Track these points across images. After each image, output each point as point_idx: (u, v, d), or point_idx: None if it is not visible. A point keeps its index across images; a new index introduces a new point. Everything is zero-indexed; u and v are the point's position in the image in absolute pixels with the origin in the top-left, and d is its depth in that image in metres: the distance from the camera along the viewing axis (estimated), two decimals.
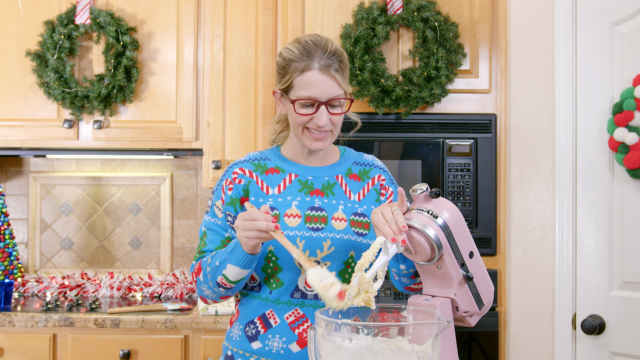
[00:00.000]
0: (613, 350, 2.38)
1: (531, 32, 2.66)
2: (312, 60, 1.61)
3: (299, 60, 1.62)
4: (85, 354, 2.61)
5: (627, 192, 2.36)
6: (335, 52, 1.64)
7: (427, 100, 2.62)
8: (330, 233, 1.66)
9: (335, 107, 1.63)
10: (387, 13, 2.64)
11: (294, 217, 1.66)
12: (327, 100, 1.61)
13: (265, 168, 1.74)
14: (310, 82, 1.60)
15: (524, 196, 2.66)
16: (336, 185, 1.73)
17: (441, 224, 1.39)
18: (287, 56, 1.64)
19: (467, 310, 1.47)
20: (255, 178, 1.72)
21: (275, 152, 1.78)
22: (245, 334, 1.69)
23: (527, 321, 2.65)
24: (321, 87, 1.60)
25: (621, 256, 2.37)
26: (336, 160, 1.78)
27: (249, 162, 1.75)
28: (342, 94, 1.63)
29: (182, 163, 3.26)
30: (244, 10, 2.82)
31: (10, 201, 3.27)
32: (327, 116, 1.62)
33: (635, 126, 2.29)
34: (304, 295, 1.66)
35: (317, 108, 1.61)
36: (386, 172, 1.81)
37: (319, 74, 1.60)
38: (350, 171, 1.76)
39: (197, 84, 2.89)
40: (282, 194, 1.69)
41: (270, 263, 1.66)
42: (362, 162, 1.80)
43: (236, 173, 1.73)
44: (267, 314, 1.68)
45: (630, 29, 2.37)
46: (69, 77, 2.81)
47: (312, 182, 1.72)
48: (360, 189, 1.74)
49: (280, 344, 1.65)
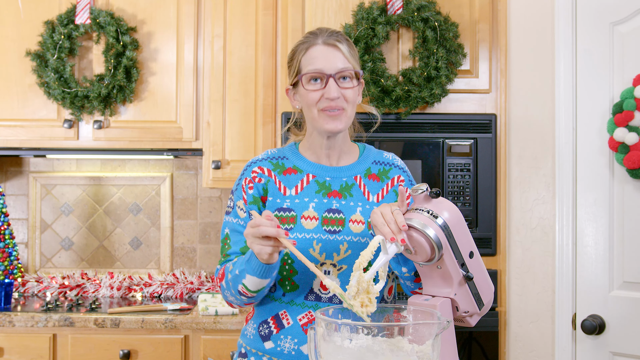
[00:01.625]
0: (613, 350, 2.38)
1: (531, 32, 2.66)
2: (316, 38, 1.63)
3: (303, 43, 1.64)
4: (85, 354, 2.61)
5: (627, 192, 2.36)
6: (339, 32, 1.66)
7: (427, 100, 2.62)
8: (347, 236, 1.64)
9: (345, 79, 1.62)
10: (387, 13, 2.64)
11: (311, 220, 1.64)
12: (335, 72, 1.60)
13: (284, 168, 1.71)
14: (314, 55, 1.61)
15: (524, 196, 2.65)
16: (354, 186, 1.70)
17: (441, 224, 1.39)
18: (294, 47, 1.67)
19: (467, 310, 1.47)
20: (274, 177, 1.69)
21: (294, 150, 1.75)
22: (258, 333, 1.68)
23: (527, 321, 2.65)
24: (326, 58, 1.60)
25: (621, 256, 2.37)
26: (355, 159, 1.75)
27: (267, 160, 1.72)
28: (350, 67, 1.62)
29: (182, 163, 3.26)
30: (244, 10, 2.82)
31: (10, 201, 3.27)
32: (336, 88, 1.60)
33: (635, 126, 2.29)
34: (319, 297, 1.64)
35: (326, 82, 1.60)
36: (406, 172, 1.78)
37: (323, 47, 1.61)
38: (370, 171, 1.73)
39: (197, 84, 2.89)
40: (299, 195, 1.67)
41: (286, 265, 1.64)
42: (382, 161, 1.76)
43: (255, 172, 1.70)
44: (281, 315, 1.66)
45: (630, 29, 2.37)
46: (69, 77, 2.81)
47: (330, 183, 1.69)
48: (379, 190, 1.72)
49: (292, 345, 1.64)
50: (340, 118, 1.62)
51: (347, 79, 1.62)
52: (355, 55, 1.65)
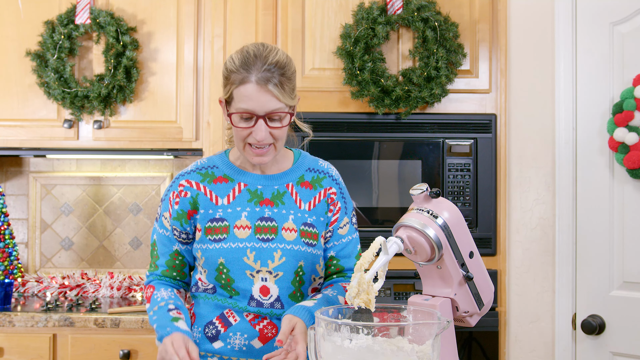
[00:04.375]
0: (613, 350, 2.38)
1: (531, 32, 2.66)
2: (250, 72, 1.55)
3: (237, 72, 1.57)
4: (85, 354, 2.61)
5: (627, 192, 2.36)
6: (277, 63, 1.57)
7: (427, 100, 2.62)
8: (280, 244, 1.65)
9: (274, 120, 1.59)
10: (387, 13, 2.64)
11: (244, 229, 1.65)
12: (265, 113, 1.56)
13: (214, 177, 1.70)
14: (246, 95, 1.55)
15: (524, 196, 2.66)
16: (286, 194, 1.70)
17: (441, 224, 1.39)
18: (229, 66, 1.60)
19: (467, 310, 1.47)
20: (203, 189, 1.69)
21: (224, 159, 1.74)
22: (205, 335, 1.69)
23: (527, 321, 2.65)
24: (258, 100, 1.55)
25: (621, 256, 2.37)
26: (289, 166, 1.74)
27: (195, 172, 1.71)
28: (282, 107, 1.58)
29: (182, 163, 3.26)
30: (244, 10, 2.82)
31: (10, 201, 3.27)
32: (265, 130, 1.57)
33: (635, 126, 2.29)
34: (260, 304, 1.65)
35: (255, 121, 1.57)
36: (339, 184, 1.77)
37: (256, 87, 1.55)
38: (302, 179, 1.72)
39: (197, 84, 2.89)
40: (231, 204, 1.67)
41: (223, 275, 1.65)
42: (316, 168, 1.75)
43: (182, 185, 1.70)
44: (226, 313, 1.67)
45: (630, 29, 2.37)
46: (69, 77, 2.81)
47: (262, 191, 1.69)
48: (311, 198, 1.71)
49: (242, 341, 1.65)
50: (267, 153, 1.63)
51: (276, 120, 1.59)
52: (288, 88, 1.59)
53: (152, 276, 1.76)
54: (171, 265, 1.74)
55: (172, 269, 1.75)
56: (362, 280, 1.33)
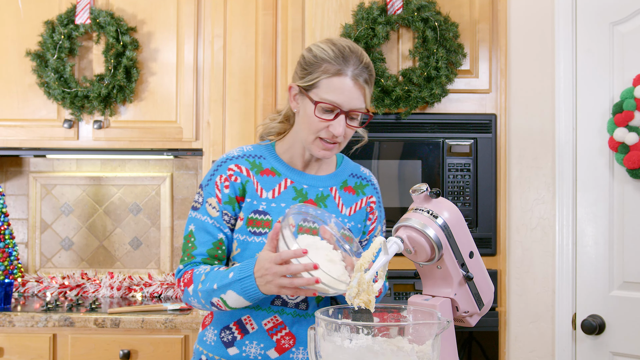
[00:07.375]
0: (613, 350, 2.38)
1: (531, 32, 2.66)
2: (347, 66, 1.54)
3: (332, 62, 1.54)
4: (85, 354, 2.61)
5: (627, 192, 2.36)
6: (368, 65, 1.57)
7: (427, 100, 2.62)
8: None
9: (353, 119, 1.58)
10: (387, 13, 2.64)
11: None
12: (349, 110, 1.55)
13: (261, 168, 1.65)
14: (339, 87, 1.53)
15: (524, 196, 2.66)
16: (329, 197, 1.68)
17: (441, 224, 1.39)
18: (320, 54, 1.56)
19: (467, 310, 1.47)
20: (252, 177, 1.63)
21: (271, 151, 1.69)
22: (220, 339, 1.65)
23: (527, 321, 2.65)
24: (349, 96, 1.53)
25: (621, 256, 2.37)
26: (332, 169, 1.72)
27: (244, 158, 1.66)
28: (363, 107, 1.57)
29: (182, 163, 3.26)
30: (244, 10, 2.82)
31: (10, 201, 3.27)
32: (343, 126, 1.55)
33: (635, 126, 2.29)
34: (285, 303, 1.63)
35: (336, 115, 1.54)
36: (378, 193, 1.78)
37: (351, 82, 1.53)
38: (346, 183, 1.71)
39: (197, 84, 2.89)
40: (276, 199, 1.63)
41: None
42: (359, 174, 1.76)
43: (232, 170, 1.63)
44: (244, 320, 1.63)
45: (630, 29, 2.37)
46: (69, 77, 2.81)
47: (307, 191, 1.66)
48: (352, 204, 1.71)
49: (258, 350, 1.62)
50: (333, 150, 1.60)
51: (354, 119, 1.58)
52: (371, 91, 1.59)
53: (188, 266, 1.63)
54: (213, 254, 1.62)
55: (214, 258, 1.62)
56: (362, 280, 1.33)
